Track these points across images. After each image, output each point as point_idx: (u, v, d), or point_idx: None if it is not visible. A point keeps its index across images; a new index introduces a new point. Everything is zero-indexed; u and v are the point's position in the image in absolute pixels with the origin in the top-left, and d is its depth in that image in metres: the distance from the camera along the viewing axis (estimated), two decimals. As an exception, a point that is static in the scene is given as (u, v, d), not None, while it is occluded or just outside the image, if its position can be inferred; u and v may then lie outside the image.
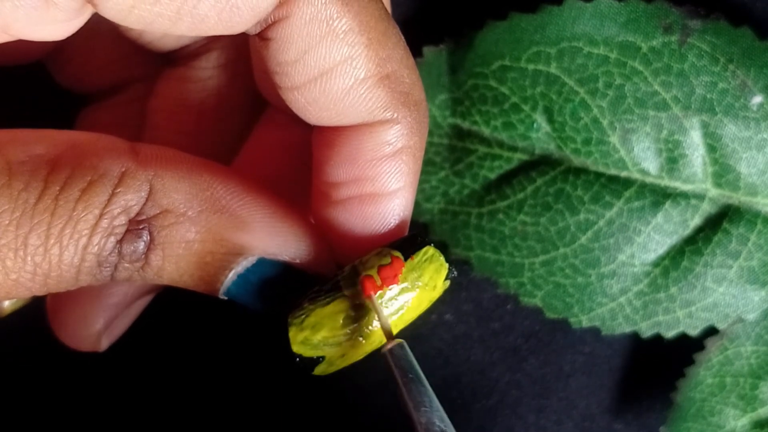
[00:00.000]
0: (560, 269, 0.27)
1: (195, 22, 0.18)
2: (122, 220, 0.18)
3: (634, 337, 0.28)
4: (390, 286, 0.19)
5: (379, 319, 0.19)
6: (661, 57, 0.26)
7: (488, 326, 0.30)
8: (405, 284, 0.19)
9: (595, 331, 0.28)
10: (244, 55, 0.24)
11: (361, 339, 0.19)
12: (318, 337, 0.19)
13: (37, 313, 0.25)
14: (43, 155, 0.18)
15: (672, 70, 0.26)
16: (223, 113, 0.25)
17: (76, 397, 0.29)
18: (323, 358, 0.19)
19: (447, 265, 0.20)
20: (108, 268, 0.18)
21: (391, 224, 0.21)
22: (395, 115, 0.20)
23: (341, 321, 0.19)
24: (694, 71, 0.26)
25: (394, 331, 0.20)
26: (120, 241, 0.18)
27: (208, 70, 0.25)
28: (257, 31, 0.19)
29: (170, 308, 0.27)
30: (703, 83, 0.26)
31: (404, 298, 0.19)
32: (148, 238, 0.18)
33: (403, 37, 0.20)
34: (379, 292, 0.19)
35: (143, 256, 0.18)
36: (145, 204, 0.18)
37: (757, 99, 0.26)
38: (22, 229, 0.17)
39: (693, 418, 0.27)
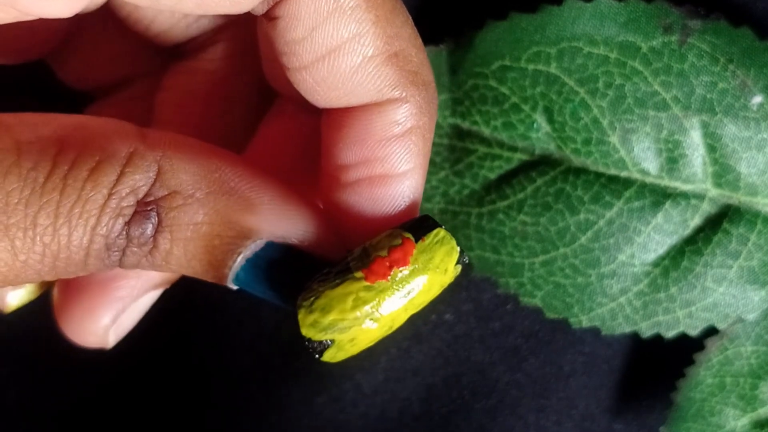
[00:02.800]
0: (560, 269, 0.27)
1: None
2: (131, 200, 0.18)
3: (634, 337, 0.28)
4: (401, 268, 0.19)
5: None
6: (661, 57, 0.26)
7: (488, 326, 0.30)
8: (416, 266, 0.19)
9: (595, 331, 0.28)
10: (252, 46, 0.24)
11: (371, 323, 0.19)
12: (327, 319, 0.19)
13: (42, 309, 0.25)
14: (51, 136, 0.18)
15: (672, 70, 0.26)
16: (231, 105, 0.25)
17: (80, 396, 0.29)
18: (332, 342, 0.19)
19: (458, 248, 0.20)
20: (116, 252, 0.18)
21: (402, 206, 0.20)
22: (404, 93, 0.19)
23: (351, 303, 0.19)
24: (694, 71, 0.26)
25: (405, 316, 0.19)
26: (128, 223, 0.18)
27: (215, 61, 0.25)
28: (264, 11, 0.19)
29: (175, 308, 0.27)
30: (703, 83, 0.26)
31: (415, 281, 0.19)
32: (156, 220, 0.18)
33: (410, 18, 0.20)
34: (392, 271, 0.19)
35: (151, 240, 0.18)
36: (153, 185, 0.18)
37: (757, 99, 0.26)
38: (31, 208, 0.17)
39: (693, 418, 0.27)
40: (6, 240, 0.17)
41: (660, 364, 0.29)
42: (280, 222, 0.19)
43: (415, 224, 0.19)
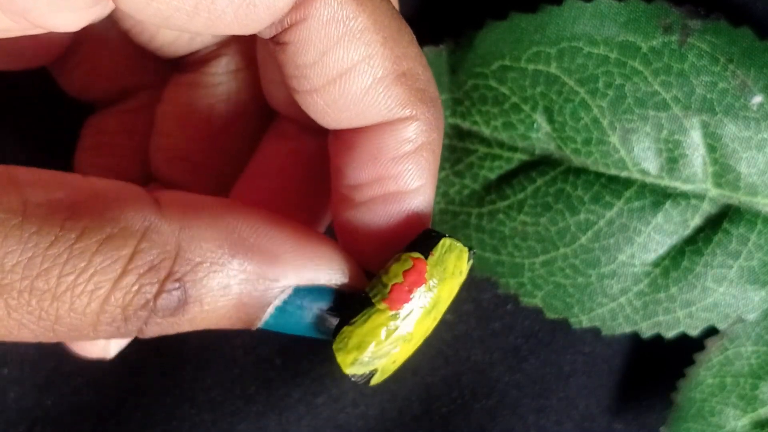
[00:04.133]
0: (560, 269, 0.27)
1: (212, 18, 0.18)
2: (152, 278, 0.18)
3: (634, 337, 0.28)
4: (419, 287, 0.19)
5: None
6: (661, 57, 0.26)
7: (488, 326, 0.30)
8: (433, 280, 0.19)
9: (595, 331, 0.28)
10: (254, 62, 0.24)
11: (406, 343, 0.20)
12: (366, 354, 0.19)
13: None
14: (62, 200, 0.17)
15: (672, 70, 0.26)
16: (232, 120, 0.25)
17: (79, 397, 0.29)
18: (376, 370, 0.20)
19: (466, 249, 0.20)
20: (136, 323, 0.18)
21: (415, 221, 0.21)
22: (414, 112, 0.20)
23: (383, 333, 0.19)
24: (694, 71, 0.26)
25: (433, 325, 0.20)
26: (153, 298, 0.18)
27: (217, 76, 0.25)
28: (271, 34, 0.19)
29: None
30: (703, 83, 0.26)
31: (435, 292, 0.20)
32: (184, 293, 0.18)
33: (414, 36, 0.20)
34: (412, 293, 0.19)
35: (179, 311, 0.18)
36: (175, 261, 0.18)
37: (757, 99, 0.26)
38: (28, 272, 0.17)
39: (693, 418, 0.27)
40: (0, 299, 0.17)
41: (660, 364, 0.29)
42: (305, 268, 0.19)
43: (421, 241, 0.20)
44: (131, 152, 0.26)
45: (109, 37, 0.25)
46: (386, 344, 0.19)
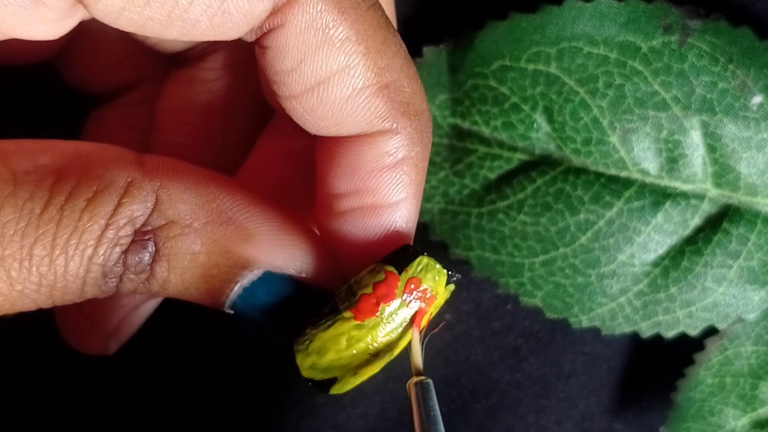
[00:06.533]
0: (560, 269, 0.27)
1: (186, 26, 0.18)
2: (128, 230, 0.18)
3: (634, 337, 0.28)
4: (388, 302, 0.19)
5: (411, 354, 0.19)
6: (661, 57, 0.26)
7: (488, 326, 0.30)
8: (405, 296, 0.19)
9: (595, 331, 0.28)
10: (252, 57, 0.24)
11: (369, 356, 0.19)
12: (325, 361, 0.19)
13: (42, 310, 0.25)
14: (48, 165, 0.18)
15: (672, 70, 0.26)
16: (230, 115, 0.25)
17: (81, 401, 0.29)
18: (336, 378, 0.19)
19: (445, 271, 0.19)
20: (113, 280, 0.18)
21: (394, 235, 0.20)
22: (395, 125, 0.20)
23: (344, 342, 0.19)
24: (694, 71, 0.26)
25: (404, 342, 0.19)
26: (125, 252, 0.18)
27: (215, 71, 0.25)
28: (253, 39, 0.19)
29: (176, 309, 0.27)
30: (703, 83, 0.26)
31: (405, 312, 0.19)
32: (153, 249, 0.18)
33: (404, 46, 0.20)
34: (380, 307, 0.19)
35: (148, 268, 0.18)
36: (150, 215, 0.18)
37: (757, 99, 0.26)
38: (27, 240, 0.17)
39: (693, 418, 0.27)
40: (2, 270, 0.17)
41: (660, 364, 0.29)
42: (277, 253, 0.19)
43: (397, 256, 0.19)
44: (132, 146, 0.26)
45: (108, 30, 0.25)
46: (347, 354, 0.19)
